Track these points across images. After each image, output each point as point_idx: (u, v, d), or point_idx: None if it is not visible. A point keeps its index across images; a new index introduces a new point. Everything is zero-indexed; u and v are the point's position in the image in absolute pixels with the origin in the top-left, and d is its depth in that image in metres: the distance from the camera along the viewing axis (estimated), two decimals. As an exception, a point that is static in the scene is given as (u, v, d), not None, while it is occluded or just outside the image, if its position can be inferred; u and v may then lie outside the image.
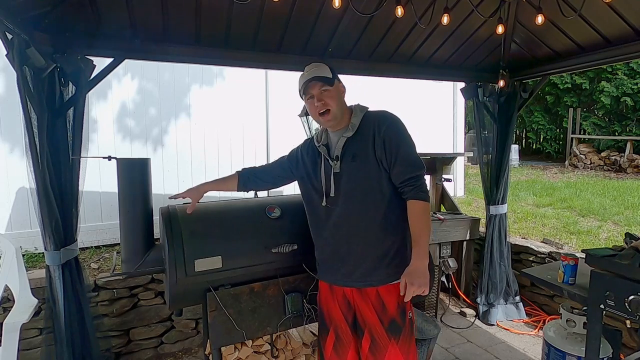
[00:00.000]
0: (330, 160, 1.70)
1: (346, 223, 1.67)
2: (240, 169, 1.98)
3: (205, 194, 1.90)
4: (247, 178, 1.94)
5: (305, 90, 1.68)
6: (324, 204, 1.70)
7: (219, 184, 1.95)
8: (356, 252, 1.67)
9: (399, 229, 1.68)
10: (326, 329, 1.79)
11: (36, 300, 2.06)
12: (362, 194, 1.64)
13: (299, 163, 1.86)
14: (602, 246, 3.69)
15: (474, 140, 3.76)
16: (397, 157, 1.60)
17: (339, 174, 1.67)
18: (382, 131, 1.61)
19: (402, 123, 1.68)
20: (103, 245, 3.83)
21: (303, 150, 1.86)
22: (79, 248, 2.38)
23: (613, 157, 10.41)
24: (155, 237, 2.10)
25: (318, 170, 1.74)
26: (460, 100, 6.35)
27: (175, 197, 1.87)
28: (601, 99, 11.69)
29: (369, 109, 1.74)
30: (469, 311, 3.62)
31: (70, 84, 2.22)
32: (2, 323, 1.94)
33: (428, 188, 1.67)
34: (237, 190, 1.96)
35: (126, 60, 2.46)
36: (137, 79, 4.11)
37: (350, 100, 1.79)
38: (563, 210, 5.45)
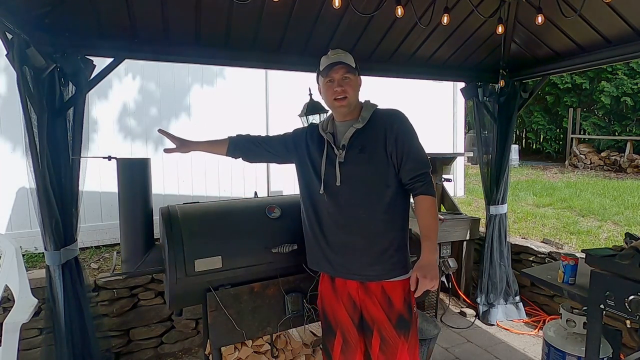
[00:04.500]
0: (335, 149, 1.70)
1: (348, 213, 1.66)
2: (233, 135, 1.91)
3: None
4: (237, 144, 1.88)
5: (327, 72, 1.65)
6: (321, 192, 1.69)
7: (208, 145, 1.90)
8: (355, 244, 1.65)
9: (400, 225, 1.68)
10: (332, 332, 1.78)
11: (36, 300, 2.06)
12: (367, 185, 1.64)
13: (304, 145, 1.82)
14: (602, 246, 3.70)
15: (474, 140, 3.76)
16: (408, 155, 1.63)
17: (343, 164, 1.66)
18: (395, 128, 1.64)
19: (410, 122, 1.71)
20: (103, 245, 3.84)
21: (310, 134, 1.83)
22: (79, 248, 2.38)
23: (613, 157, 10.42)
24: (155, 237, 2.10)
25: (321, 158, 1.73)
26: (460, 100, 6.35)
27: (164, 133, 1.84)
28: (601, 99, 11.70)
29: (378, 106, 1.76)
30: (469, 311, 3.63)
31: (70, 84, 2.22)
32: (2, 323, 1.95)
33: None
34: (226, 155, 1.90)
35: (127, 60, 2.46)
36: (138, 79, 4.11)
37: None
38: (563, 210, 5.45)
